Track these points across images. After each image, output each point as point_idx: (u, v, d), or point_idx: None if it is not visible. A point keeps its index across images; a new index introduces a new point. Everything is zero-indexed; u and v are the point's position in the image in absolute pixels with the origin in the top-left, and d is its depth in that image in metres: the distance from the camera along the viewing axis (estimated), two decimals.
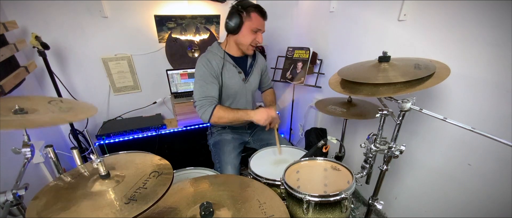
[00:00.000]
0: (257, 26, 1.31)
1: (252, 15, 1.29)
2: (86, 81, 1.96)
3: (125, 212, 0.60)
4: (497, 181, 1.11)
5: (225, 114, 1.33)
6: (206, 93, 1.33)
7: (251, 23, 1.30)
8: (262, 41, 1.39)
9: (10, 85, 1.24)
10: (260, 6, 1.32)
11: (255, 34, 1.34)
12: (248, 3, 1.30)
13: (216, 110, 1.32)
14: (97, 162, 0.69)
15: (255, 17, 1.30)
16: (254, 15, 1.29)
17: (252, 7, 1.29)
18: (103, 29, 1.87)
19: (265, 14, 1.33)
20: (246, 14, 1.29)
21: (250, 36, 1.33)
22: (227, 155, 1.42)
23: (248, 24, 1.30)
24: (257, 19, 1.31)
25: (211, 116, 1.32)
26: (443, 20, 1.18)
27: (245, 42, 1.35)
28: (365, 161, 1.08)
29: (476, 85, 1.11)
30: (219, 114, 1.32)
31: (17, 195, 0.76)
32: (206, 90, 1.33)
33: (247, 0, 1.34)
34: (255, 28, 1.32)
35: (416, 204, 1.52)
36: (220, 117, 1.33)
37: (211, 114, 1.31)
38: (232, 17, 1.29)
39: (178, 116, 2.04)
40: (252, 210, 0.79)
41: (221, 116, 1.32)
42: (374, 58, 1.04)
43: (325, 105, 1.48)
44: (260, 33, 1.36)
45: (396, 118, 0.95)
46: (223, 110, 1.33)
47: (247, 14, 1.29)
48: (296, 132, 2.62)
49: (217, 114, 1.32)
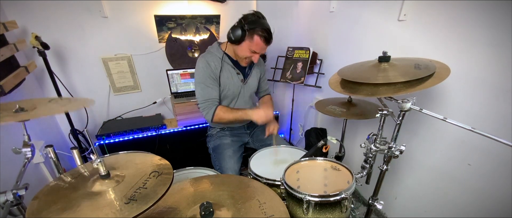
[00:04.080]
0: (256, 49, 1.29)
1: (255, 38, 1.26)
2: (86, 81, 1.96)
3: (125, 212, 0.60)
4: (497, 181, 1.11)
5: (225, 115, 1.39)
6: (207, 96, 1.38)
7: (251, 44, 1.28)
8: (256, 62, 1.40)
9: (10, 85, 1.24)
10: (267, 32, 1.26)
11: (252, 54, 1.33)
12: (256, 24, 1.25)
13: (217, 110, 1.38)
14: (97, 162, 0.69)
15: (257, 41, 1.26)
16: (257, 39, 1.26)
17: (257, 31, 1.25)
18: (103, 29, 1.86)
19: (269, 40, 1.29)
20: (249, 35, 1.26)
21: (247, 53, 1.32)
22: (227, 160, 1.41)
23: (248, 44, 1.28)
24: (258, 44, 1.27)
25: (213, 116, 1.38)
26: (443, 20, 1.18)
27: (240, 55, 1.36)
28: (365, 161, 1.08)
29: (476, 85, 1.11)
30: (220, 114, 1.38)
31: (17, 195, 0.76)
32: (207, 92, 1.38)
33: (259, 18, 1.28)
34: (254, 50, 1.30)
35: (416, 204, 1.52)
36: (221, 118, 1.39)
37: (213, 115, 1.38)
38: (235, 31, 1.26)
39: (178, 116, 2.04)
40: (252, 210, 0.79)
41: (222, 117, 1.38)
42: (374, 58, 1.04)
43: (325, 105, 1.48)
44: (257, 55, 1.34)
45: (396, 118, 0.95)
46: (223, 111, 1.39)
47: (250, 35, 1.26)
48: (296, 132, 2.62)
49: (218, 115, 1.38)
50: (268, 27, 1.28)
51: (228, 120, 1.39)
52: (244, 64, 1.43)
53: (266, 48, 1.33)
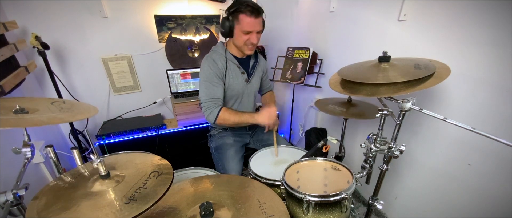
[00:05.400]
0: (246, 28, 1.26)
1: (240, 17, 1.24)
2: (86, 81, 1.96)
3: (125, 212, 0.60)
4: (497, 181, 1.11)
5: (230, 117, 1.33)
6: (212, 95, 1.33)
7: (240, 25, 1.26)
8: (256, 41, 1.33)
9: (10, 85, 1.24)
10: (250, 6, 1.22)
11: (248, 35, 1.29)
12: (236, 5, 1.23)
13: (221, 112, 1.32)
14: (97, 162, 0.69)
15: (243, 18, 1.24)
16: (242, 16, 1.24)
17: (239, 10, 1.23)
18: (103, 29, 1.87)
19: (255, 11, 1.23)
20: (233, 18, 1.26)
21: (243, 38, 1.30)
22: (230, 160, 1.41)
23: (238, 27, 1.27)
24: (245, 21, 1.24)
25: (217, 117, 1.32)
26: (443, 20, 1.18)
27: (239, 44, 1.34)
28: (365, 161, 1.08)
29: (476, 85, 1.11)
30: (224, 116, 1.32)
31: (17, 195, 0.76)
32: (212, 91, 1.33)
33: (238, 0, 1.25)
34: (245, 30, 1.27)
35: (416, 204, 1.52)
36: (225, 120, 1.33)
37: (217, 116, 1.31)
38: (223, 23, 1.28)
39: (178, 116, 2.04)
40: (252, 210, 0.79)
41: (227, 119, 1.33)
42: (374, 58, 1.04)
43: (325, 105, 1.48)
44: (254, 34, 1.29)
45: (396, 118, 0.95)
46: (228, 113, 1.33)
47: (234, 17, 1.25)
48: (296, 132, 2.62)
49: (222, 116, 1.32)
50: (250, 2, 1.23)
51: (233, 122, 1.33)
52: (249, 51, 1.38)
53: (258, 23, 1.27)
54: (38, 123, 0.75)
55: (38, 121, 0.76)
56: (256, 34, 1.30)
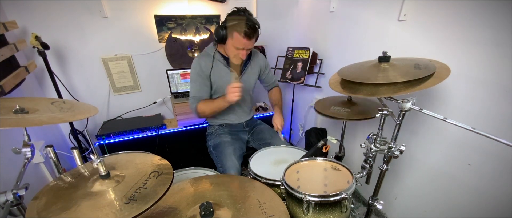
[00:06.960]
0: (238, 45, 1.30)
1: (235, 35, 1.27)
2: (86, 81, 1.96)
3: (125, 212, 0.60)
4: (497, 181, 1.11)
5: (206, 107, 1.43)
6: (193, 93, 1.45)
7: (233, 41, 1.30)
8: (245, 57, 1.38)
9: (10, 85, 1.24)
10: (247, 27, 1.23)
11: (238, 50, 1.33)
12: (234, 22, 1.26)
13: (198, 106, 1.43)
14: (97, 162, 0.69)
15: (237, 37, 1.27)
16: (237, 35, 1.27)
17: (236, 28, 1.25)
18: (103, 29, 1.86)
19: (250, 35, 1.26)
20: (229, 33, 1.29)
21: (233, 51, 1.34)
22: (228, 158, 1.41)
23: (231, 40, 1.31)
24: (239, 40, 1.27)
25: (197, 111, 1.44)
26: (443, 20, 1.18)
27: (229, 54, 1.39)
28: (365, 161, 1.08)
29: (476, 85, 1.11)
30: (201, 109, 1.43)
31: (17, 195, 0.76)
32: (194, 90, 1.45)
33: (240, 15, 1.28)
34: (237, 46, 1.31)
35: (416, 204, 1.52)
36: (203, 111, 1.44)
37: (196, 110, 1.44)
38: (218, 31, 1.32)
39: (178, 116, 2.04)
40: (252, 210, 0.79)
41: (204, 110, 1.43)
42: (374, 58, 1.04)
43: (325, 105, 1.47)
44: (244, 50, 1.33)
45: (396, 118, 0.95)
46: (203, 104, 1.43)
47: (230, 33, 1.28)
48: (296, 132, 2.62)
49: (200, 110, 1.43)
50: (250, 23, 1.25)
51: (210, 110, 1.43)
52: (236, 62, 1.41)
53: (250, 43, 1.31)
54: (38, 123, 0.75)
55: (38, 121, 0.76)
56: (246, 51, 1.35)
